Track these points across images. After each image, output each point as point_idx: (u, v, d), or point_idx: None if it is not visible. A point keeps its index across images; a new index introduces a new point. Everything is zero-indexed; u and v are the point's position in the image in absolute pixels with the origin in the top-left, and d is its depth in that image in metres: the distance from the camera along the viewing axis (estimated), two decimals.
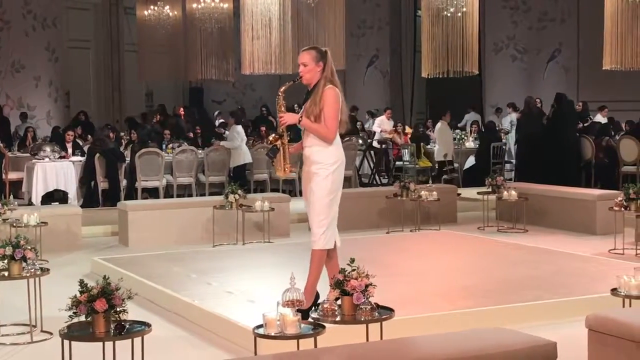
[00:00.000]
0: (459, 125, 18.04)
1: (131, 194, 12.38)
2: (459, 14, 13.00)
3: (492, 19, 20.33)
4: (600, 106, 17.10)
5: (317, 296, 5.59)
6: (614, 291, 5.25)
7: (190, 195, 12.81)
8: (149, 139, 13.50)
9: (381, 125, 16.99)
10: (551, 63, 20.58)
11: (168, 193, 12.83)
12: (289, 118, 5.61)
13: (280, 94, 5.75)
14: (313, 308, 5.19)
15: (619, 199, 8.63)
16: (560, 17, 20.43)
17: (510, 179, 14.19)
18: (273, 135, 5.73)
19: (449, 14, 13.04)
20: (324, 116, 5.52)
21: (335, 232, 5.63)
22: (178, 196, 12.70)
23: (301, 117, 5.57)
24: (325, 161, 5.54)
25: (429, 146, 15.64)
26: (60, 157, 12.65)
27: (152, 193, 12.73)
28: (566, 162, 13.67)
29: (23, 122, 16.69)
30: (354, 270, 4.55)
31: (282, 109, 5.70)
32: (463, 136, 15.89)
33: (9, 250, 5.56)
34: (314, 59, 5.61)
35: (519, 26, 20.69)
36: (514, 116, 17.83)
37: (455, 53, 12.73)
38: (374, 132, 17.30)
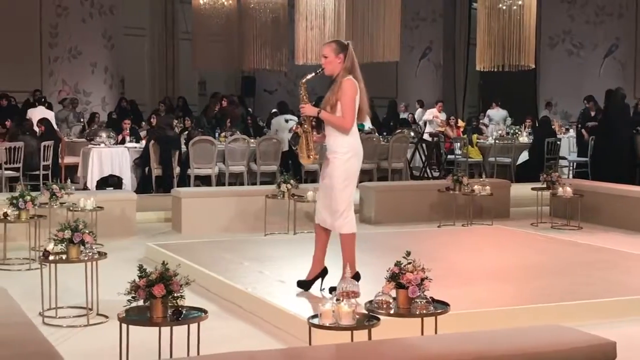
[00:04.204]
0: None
1: (183, 181, 12.50)
2: (515, 7, 12.86)
3: (548, 12, 20.05)
4: None
5: (325, 271, 6.11)
6: None
7: (242, 184, 12.89)
8: (203, 127, 13.73)
9: (433, 113, 16.91)
10: (608, 58, 20.25)
11: (220, 181, 12.92)
12: (308, 110, 5.94)
13: (302, 84, 6.04)
14: (321, 282, 6.06)
15: None
16: (618, 12, 20.09)
17: (566, 175, 14.04)
18: (295, 125, 5.99)
19: (504, 7, 12.90)
20: (341, 107, 5.82)
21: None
22: (230, 184, 12.79)
23: (320, 109, 5.86)
24: (338, 150, 5.88)
25: (481, 139, 15.53)
26: (116, 143, 12.84)
27: (204, 181, 12.84)
28: (619, 160, 13.45)
29: (74, 107, 16.91)
30: (409, 263, 4.54)
31: (305, 99, 6.01)
32: (517, 131, 15.72)
33: (67, 234, 5.64)
34: (333, 50, 5.90)
35: (575, 20, 20.39)
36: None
37: (511, 46, 12.60)
38: (426, 124, 17.22)
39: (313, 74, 6.01)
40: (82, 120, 16.43)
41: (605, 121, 14.12)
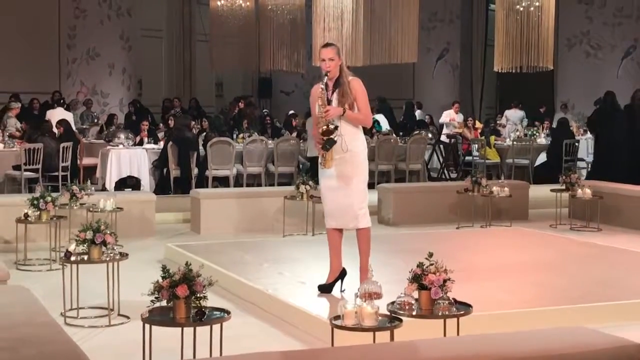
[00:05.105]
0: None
1: (201, 182, 12.53)
2: (532, 8, 12.81)
3: (566, 14, 19.95)
4: None
5: (344, 272, 6.19)
6: None
7: (259, 185, 12.91)
8: (219, 129, 13.72)
9: (449, 115, 16.89)
10: (626, 60, 20.13)
11: (237, 182, 12.95)
12: (334, 111, 5.99)
13: (321, 89, 6.08)
14: (341, 283, 6.14)
15: None
16: (636, 13, 19.96)
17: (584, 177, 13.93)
18: (326, 127, 5.93)
19: (522, 8, 12.86)
20: (359, 105, 6.03)
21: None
22: (247, 185, 12.80)
23: (344, 109, 5.97)
24: (358, 149, 6.06)
25: (498, 141, 15.49)
26: (134, 144, 12.88)
27: (221, 182, 12.86)
28: (614, 161, 13.33)
29: (88, 108, 16.96)
30: (432, 264, 4.53)
31: (325, 103, 6.06)
32: (535, 132, 15.66)
33: (89, 235, 5.66)
34: (337, 53, 6.09)
35: (593, 22, 20.28)
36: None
37: (529, 47, 12.55)
38: (442, 126, 17.19)
39: (326, 77, 6.05)
40: (95, 120, 16.47)
41: (592, 119, 14.07)
